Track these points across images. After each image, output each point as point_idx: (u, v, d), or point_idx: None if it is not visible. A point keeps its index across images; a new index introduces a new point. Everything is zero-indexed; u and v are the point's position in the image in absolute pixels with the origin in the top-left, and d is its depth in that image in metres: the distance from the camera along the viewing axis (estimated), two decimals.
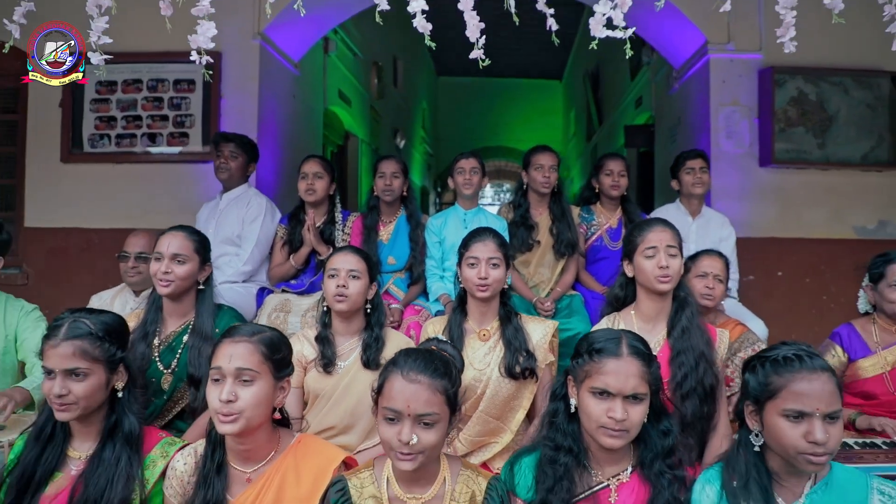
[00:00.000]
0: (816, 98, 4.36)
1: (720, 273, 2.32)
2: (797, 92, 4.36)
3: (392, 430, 1.24)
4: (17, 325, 2.20)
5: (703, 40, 4.32)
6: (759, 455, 1.29)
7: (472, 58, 1.85)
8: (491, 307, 1.98)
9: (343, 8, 4.54)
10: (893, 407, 2.14)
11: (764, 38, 4.28)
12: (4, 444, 1.61)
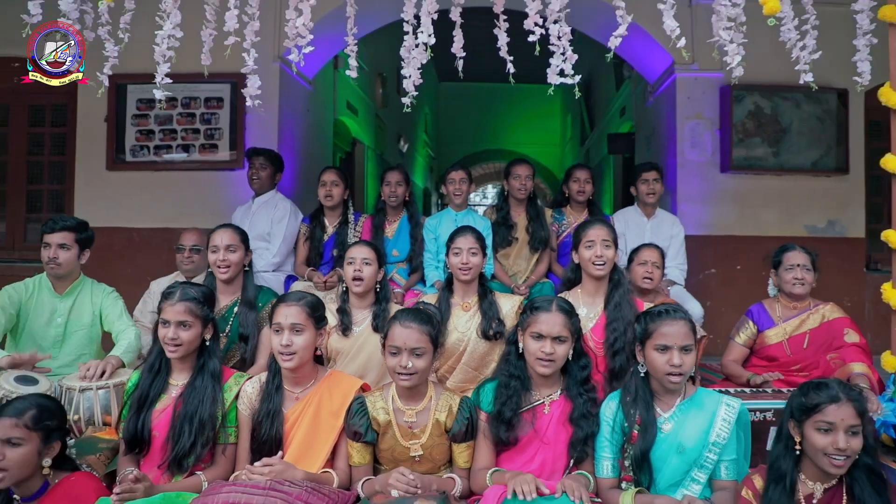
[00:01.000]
0: (771, 112, 4.97)
1: (657, 261, 2.93)
2: (754, 106, 4.97)
3: (395, 360, 1.86)
4: (101, 304, 2.83)
5: (671, 61, 4.93)
6: (644, 380, 1.91)
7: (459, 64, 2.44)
8: (471, 286, 2.60)
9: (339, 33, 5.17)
10: (789, 367, 2.75)
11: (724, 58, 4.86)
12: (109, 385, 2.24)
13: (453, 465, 1.95)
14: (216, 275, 2.60)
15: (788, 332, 2.77)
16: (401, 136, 9.37)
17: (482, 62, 4.37)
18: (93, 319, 2.80)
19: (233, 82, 4.66)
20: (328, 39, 5.19)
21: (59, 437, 1.76)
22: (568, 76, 2.46)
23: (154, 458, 1.94)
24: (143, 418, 1.96)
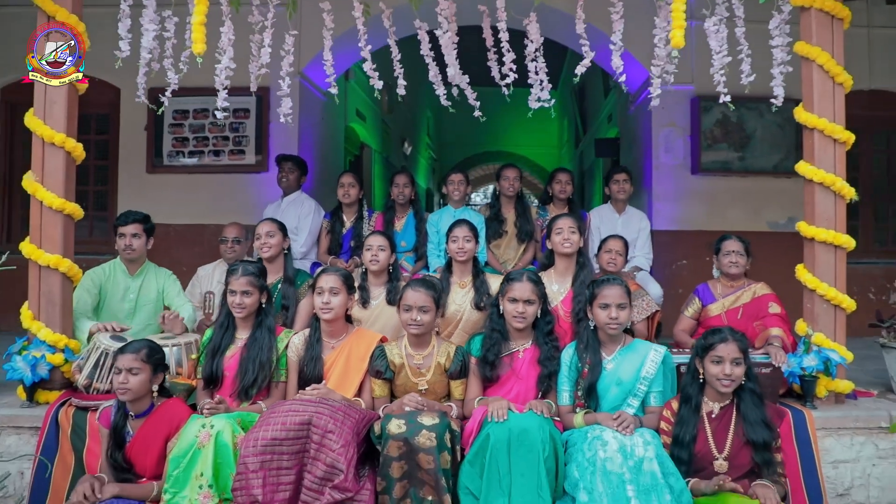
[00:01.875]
0: (737, 120, 5.63)
1: (620, 250, 3.57)
2: (721, 115, 5.63)
3: (407, 315, 2.51)
4: (163, 283, 3.48)
5: (647, 75, 5.58)
6: (594, 332, 2.55)
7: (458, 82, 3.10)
8: (467, 268, 3.26)
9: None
10: None
11: (694, 73, 5.47)
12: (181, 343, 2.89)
13: (451, 396, 2.61)
14: (261, 256, 3.27)
15: (726, 305, 3.41)
16: (405, 140, 10.04)
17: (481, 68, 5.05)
18: (157, 296, 3.46)
19: (258, 96, 5.31)
20: (341, 55, 5.88)
21: (161, 370, 2.42)
22: (544, 102, 3.13)
23: (225, 391, 2.60)
24: (217, 362, 2.62)
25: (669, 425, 2.37)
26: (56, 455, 2.72)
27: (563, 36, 5.55)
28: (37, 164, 3.06)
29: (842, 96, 3.16)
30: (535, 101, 3.12)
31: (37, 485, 2.65)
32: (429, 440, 2.21)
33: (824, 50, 3.10)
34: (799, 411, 2.93)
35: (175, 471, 2.20)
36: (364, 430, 2.33)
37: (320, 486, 2.14)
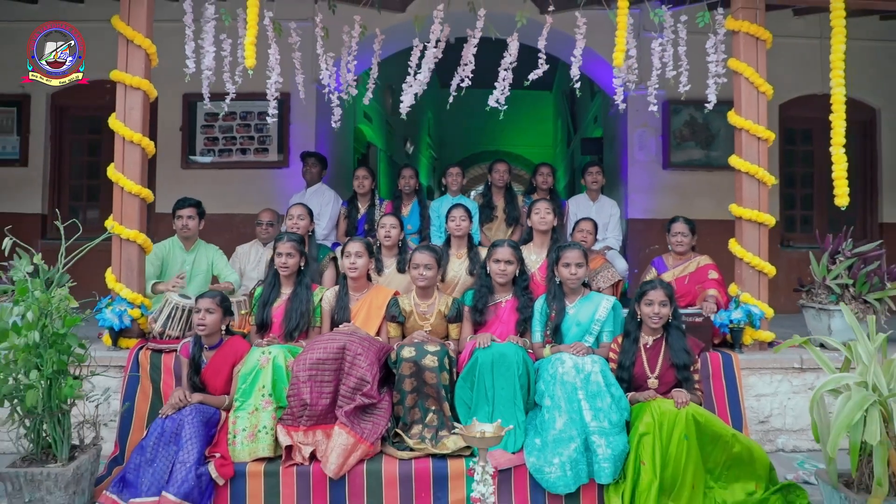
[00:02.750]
0: (703, 121, 6.41)
1: (590, 229, 4.34)
2: (689, 117, 6.42)
3: (416, 271, 3.27)
4: (212, 257, 4.26)
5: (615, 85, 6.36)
6: (559, 286, 3.34)
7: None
8: (463, 242, 4.02)
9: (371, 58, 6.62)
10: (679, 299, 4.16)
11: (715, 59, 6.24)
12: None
13: (448, 337, 3.39)
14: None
15: (676, 274, 4.18)
16: (407, 140, 10.82)
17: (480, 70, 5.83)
18: (207, 267, 4.24)
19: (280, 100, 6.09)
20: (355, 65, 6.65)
21: (229, 314, 3.20)
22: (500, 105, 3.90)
23: (273, 334, 3.38)
24: (266, 311, 3.40)
25: (616, 354, 3.15)
26: (138, 387, 3.49)
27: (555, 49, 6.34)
28: (118, 158, 3.83)
29: (764, 103, 3.94)
30: (494, 101, 3.89)
31: (124, 413, 3.42)
32: (432, 362, 2.99)
33: (750, 65, 3.88)
34: (727, 354, 3.71)
35: (243, 385, 2.98)
36: (383, 358, 3.11)
37: (352, 394, 2.91)
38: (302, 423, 2.89)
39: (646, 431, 2.76)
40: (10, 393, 2.70)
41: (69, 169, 6.61)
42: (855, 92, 6.69)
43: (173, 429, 2.82)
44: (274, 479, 2.83)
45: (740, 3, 3.93)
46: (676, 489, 2.71)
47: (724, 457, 2.80)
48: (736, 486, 2.81)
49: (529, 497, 2.84)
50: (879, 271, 3.89)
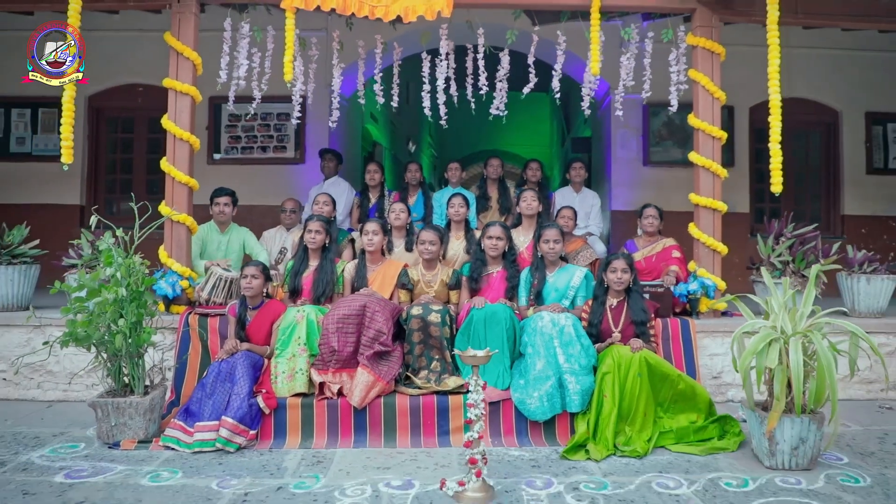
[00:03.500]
0: (679, 122, 7.12)
1: (570, 215, 5.05)
2: (667, 118, 7.13)
3: (422, 246, 3.97)
4: (244, 238, 4.98)
5: (608, 87, 7.09)
6: (541, 259, 4.05)
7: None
8: (461, 226, 4.74)
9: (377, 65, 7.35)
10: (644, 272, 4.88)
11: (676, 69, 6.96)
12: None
13: (450, 301, 4.11)
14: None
15: (645, 254, 4.91)
16: (409, 139, 11.55)
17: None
18: (240, 246, 4.96)
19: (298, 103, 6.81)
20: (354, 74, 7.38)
21: (268, 281, 3.92)
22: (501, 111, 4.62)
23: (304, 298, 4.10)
24: (297, 280, 4.12)
25: (587, 314, 3.86)
26: (189, 345, 4.20)
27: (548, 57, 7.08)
28: (170, 153, 4.53)
29: (718, 107, 4.66)
30: (495, 109, 4.61)
31: (178, 364, 4.12)
32: (436, 318, 3.72)
33: (706, 75, 4.60)
34: (685, 320, 4.42)
35: (282, 337, 3.70)
36: (395, 316, 3.83)
37: (371, 343, 3.63)
38: (331, 366, 3.61)
39: (607, 371, 3.48)
40: (99, 340, 3.42)
41: (104, 164, 7.33)
42: (820, 96, 7.50)
43: (228, 370, 3.54)
44: (309, 409, 3.55)
45: (698, 21, 4.65)
46: (631, 417, 3.43)
47: (671, 392, 3.52)
48: (681, 417, 3.52)
49: (514, 424, 3.56)
50: (815, 249, 4.62)
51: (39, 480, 2.94)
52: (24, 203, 7.00)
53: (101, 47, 6.77)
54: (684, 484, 2.94)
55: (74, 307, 3.43)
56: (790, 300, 3.25)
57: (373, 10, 4.31)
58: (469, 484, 2.73)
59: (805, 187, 7.69)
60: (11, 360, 4.37)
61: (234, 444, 3.33)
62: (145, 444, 3.41)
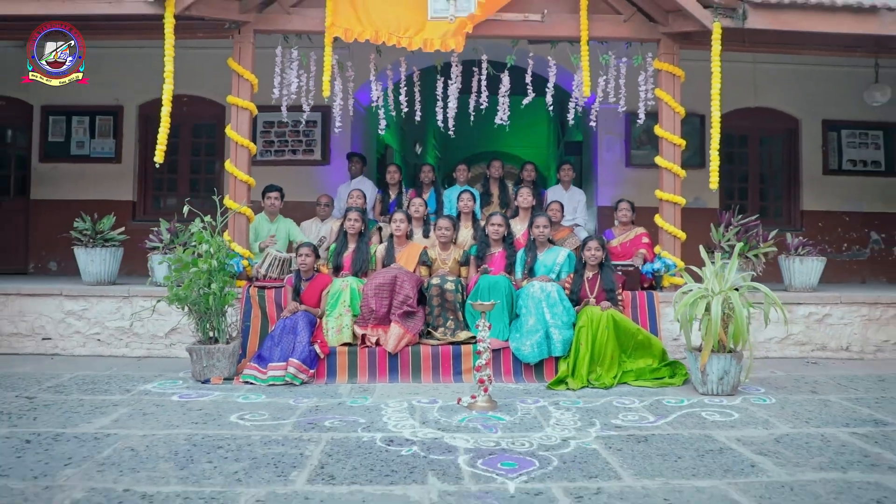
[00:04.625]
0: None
1: (558, 208, 6.18)
2: (647, 125, 8.19)
3: (439, 232, 5.10)
4: (288, 227, 6.11)
5: (595, 98, 8.22)
6: (533, 241, 5.18)
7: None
8: (469, 217, 5.87)
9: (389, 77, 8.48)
10: (618, 255, 6.01)
11: (625, 97, 8.12)
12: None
13: (461, 275, 5.24)
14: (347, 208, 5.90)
15: (621, 240, 6.04)
16: (416, 143, 12.68)
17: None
18: (285, 234, 6.08)
19: (323, 112, 7.95)
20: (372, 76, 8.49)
21: (317, 258, 5.05)
22: (504, 121, 5.75)
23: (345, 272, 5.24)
24: (339, 259, 5.25)
25: (569, 284, 5.00)
26: (251, 312, 5.32)
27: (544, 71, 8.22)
28: (232, 156, 5.65)
29: (679, 119, 5.79)
30: (499, 119, 5.74)
31: (243, 327, 5.23)
32: (451, 286, 4.85)
33: (668, 93, 5.73)
34: (651, 293, 5.54)
35: (330, 301, 4.83)
36: (418, 286, 4.95)
37: (401, 305, 4.76)
38: (369, 322, 4.75)
39: (583, 325, 4.61)
40: (193, 301, 4.54)
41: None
42: (782, 105, 8.65)
43: (291, 325, 4.67)
44: (353, 355, 4.69)
45: (663, 49, 5.79)
46: (601, 359, 4.56)
47: (632, 342, 4.65)
48: (640, 361, 4.65)
49: (512, 366, 4.69)
50: (757, 235, 5.75)
51: (161, 400, 4.06)
52: (84, 199, 8.12)
53: (151, 63, 7.88)
54: (637, 402, 4.07)
55: (174, 276, 4.56)
56: (720, 269, 4.38)
57: (399, 40, 5.44)
58: (479, 398, 3.86)
59: (769, 186, 8.83)
60: (105, 323, 5.53)
61: (299, 380, 4.45)
62: (228, 381, 4.53)
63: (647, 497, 2.53)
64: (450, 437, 3.29)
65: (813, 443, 3.23)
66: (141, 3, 5.12)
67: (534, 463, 2.90)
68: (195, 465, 2.84)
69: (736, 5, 5.19)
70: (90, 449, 3.04)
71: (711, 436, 3.35)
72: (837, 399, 4.17)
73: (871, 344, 5.79)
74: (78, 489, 2.55)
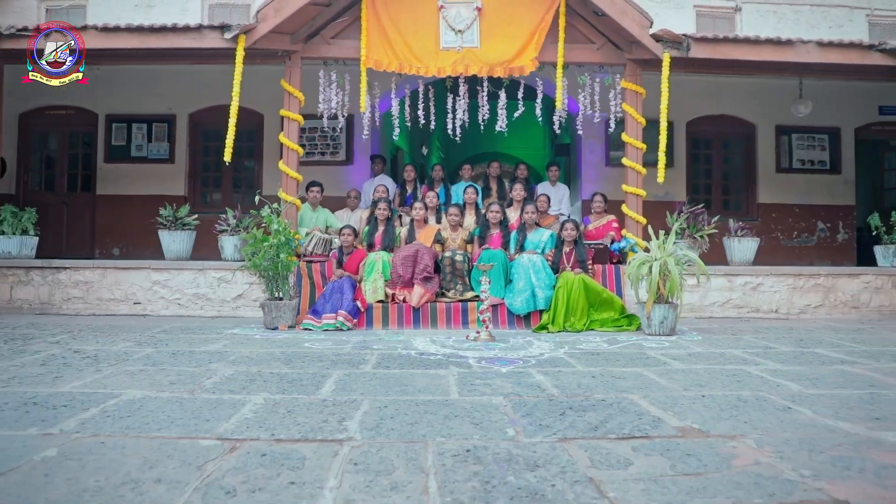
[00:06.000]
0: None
1: (546, 200, 7.77)
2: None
3: (450, 217, 6.70)
4: (326, 216, 7.68)
5: (579, 108, 9.81)
6: (524, 224, 6.76)
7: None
8: (472, 207, 7.44)
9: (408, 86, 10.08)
10: (592, 237, 7.59)
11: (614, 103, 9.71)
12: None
13: (467, 250, 6.81)
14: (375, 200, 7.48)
15: (595, 225, 7.63)
16: (422, 144, 14.25)
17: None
18: (325, 221, 7.66)
19: (348, 119, 9.53)
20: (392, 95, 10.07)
21: (356, 237, 6.62)
22: (503, 128, 7.34)
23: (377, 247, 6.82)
24: (371, 238, 6.83)
25: (551, 257, 6.58)
26: (301, 280, 6.89)
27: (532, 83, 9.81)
28: (284, 158, 7.23)
29: (640, 128, 7.36)
30: (498, 127, 7.32)
31: (296, 291, 6.80)
32: (460, 258, 6.44)
33: (632, 107, 7.31)
34: (618, 266, 7.12)
35: (367, 269, 6.42)
36: (434, 258, 6.53)
37: (422, 272, 6.34)
38: (398, 285, 6.33)
39: (560, 286, 6.19)
40: (265, 267, 6.12)
41: (200, 165, 10.03)
42: (741, 113, 10.24)
43: (338, 286, 6.24)
44: (386, 309, 6.27)
45: (628, 72, 7.37)
46: (574, 311, 6.13)
47: (598, 299, 6.23)
48: (604, 313, 6.23)
49: (507, 318, 6.28)
50: (702, 221, 7.33)
51: (247, 337, 5.61)
52: (142, 194, 9.72)
53: (199, 78, 9.50)
54: (598, 338, 5.64)
55: (251, 249, 6.14)
56: (662, 242, 5.95)
57: (418, 69, 7.02)
58: (482, 333, 5.44)
59: (731, 182, 10.42)
60: (184, 290, 7.10)
61: (346, 326, 6.03)
62: (291, 328, 6.10)
63: (591, 375, 4.08)
64: (462, 352, 4.86)
65: (712, 355, 4.80)
66: (220, 40, 6.70)
67: (519, 362, 4.46)
68: (294, 363, 4.40)
69: (681, 40, 6.77)
70: (220, 356, 4.60)
71: (644, 353, 4.92)
72: (748, 338, 5.74)
73: (795, 307, 7.37)
74: (227, 371, 4.10)
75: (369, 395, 3.38)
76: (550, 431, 2.71)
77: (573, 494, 2.02)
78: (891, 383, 3.77)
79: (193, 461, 2.29)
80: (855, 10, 10.57)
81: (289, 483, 2.10)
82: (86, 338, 5.36)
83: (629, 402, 3.25)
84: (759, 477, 2.18)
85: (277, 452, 2.40)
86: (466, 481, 2.12)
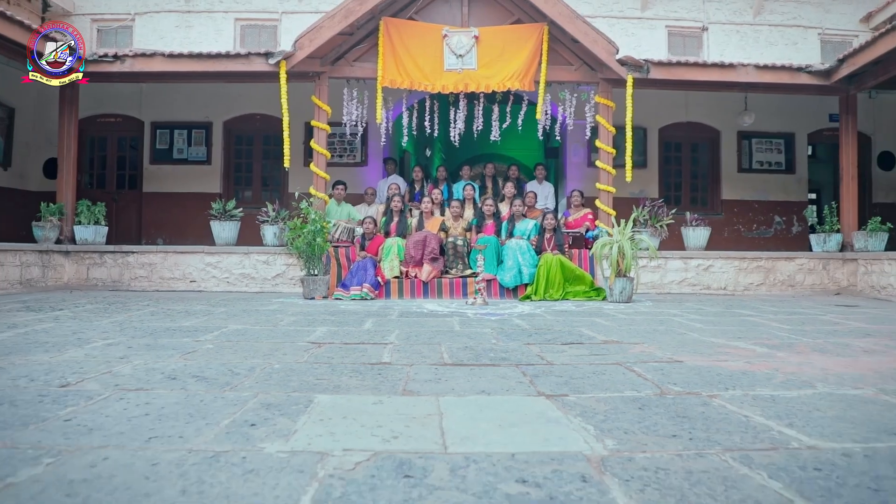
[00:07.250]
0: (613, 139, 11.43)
1: (533, 197, 9.35)
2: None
3: (452, 209, 8.29)
4: (349, 210, 9.27)
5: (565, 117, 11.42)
6: (513, 215, 8.34)
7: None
8: (471, 202, 9.03)
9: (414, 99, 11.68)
10: (573, 227, 9.18)
11: (589, 115, 11.33)
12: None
13: (467, 236, 8.41)
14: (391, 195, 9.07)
15: (574, 217, 9.22)
16: (426, 147, 15.85)
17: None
18: (348, 214, 9.26)
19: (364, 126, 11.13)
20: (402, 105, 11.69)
21: (376, 226, 8.21)
22: (497, 138, 8.93)
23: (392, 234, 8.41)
24: (387, 227, 8.43)
25: (535, 242, 8.17)
26: (330, 261, 8.49)
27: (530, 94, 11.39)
28: (315, 160, 8.83)
29: (611, 135, 8.95)
30: (493, 137, 8.91)
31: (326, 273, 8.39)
32: (461, 243, 8.04)
33: (604, 118, 8.90)
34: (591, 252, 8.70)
35: (385, 251, 8.02)
36: (440, 243, 8.13)
37: (430, 254, 7.93)
38: (410, 264, 7.92)
39: (541, 265, 7.78)
40: (304, 250, 7.72)
41: (234, 166, 11.63)
42: (707, 120, 11.83)
43: (363, 265, 7.84)
44: (401, 283, 7.87)
45: (600, 89, 8.96)
46: (552, 285, 7.72)
47: (572, 275, 7.83)
48: (577, 287, 7.83)
49: (498, 290, 7.88)
50: (662, 212, 8.93)
51: (291, 304, 7.19)
52: (183, 192, 11.32)
53: (232, 91, 11.10)
54: (570, 304, 7.23)
55: (291, 235, 7.74)
56: (622, 228, 7.55)
57: (426, 87, 8.60)
58: (477, 299, 7.04)
59: (698, 181, 12.01)
60: (232, 270, 8.70)
61: (370, 296, 7.62)
62: (325, 298, 7.70)
63: (556, 321, 5.66)
64: (462, 310, 6.45)
65: (653, 312, 6.38)
66: (265, 65, 8.29)
67: (505, 315, 6.05)
68: (337, 315, 5.98)
69: (641, 64, 8.36)
70: (280, 312, 6.18)
71: (602, 311, 6.50)
72: (690, 304, 7.33)
73: (741, 286, 8.96)
74: (291, 319, 5.68)
75: (398, 328, 4.97)
76: (520, 341, 4.30)
77: (526, 357, 3.61)
78: (771, 325, 5.36)
79: (300, 349, 3.88)
80: (808, 30, 12.15)
81: (361, 354, 3.68)
82: (167, 303, 6.96)
83: (578, 332, 4.85)
84: (641, 354, 3.76)
85: (349, 347, 3.99)
86: (464, 353, 3.72)
